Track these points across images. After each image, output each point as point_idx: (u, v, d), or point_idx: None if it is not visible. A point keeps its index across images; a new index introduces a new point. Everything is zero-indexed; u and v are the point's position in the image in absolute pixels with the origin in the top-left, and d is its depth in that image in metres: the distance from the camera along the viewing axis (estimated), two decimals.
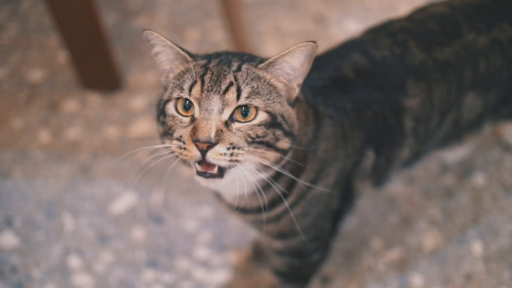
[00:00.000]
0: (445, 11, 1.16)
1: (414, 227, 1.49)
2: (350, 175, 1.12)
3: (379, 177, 1.18)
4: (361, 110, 1.05)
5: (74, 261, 1.48)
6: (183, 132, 0.87)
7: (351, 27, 2.04)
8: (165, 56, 0.96)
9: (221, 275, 1.43)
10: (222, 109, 0.87)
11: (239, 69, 0.90)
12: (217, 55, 0.96)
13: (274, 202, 1.02)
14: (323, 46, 1.93)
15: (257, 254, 1.45)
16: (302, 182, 0.99)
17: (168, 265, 1.46)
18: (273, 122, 0.89)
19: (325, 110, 1.01)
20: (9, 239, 1.53)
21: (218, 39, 2.03)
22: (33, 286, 1.44)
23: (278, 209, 1.04)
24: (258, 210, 1.04)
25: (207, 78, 0.89)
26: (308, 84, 0.99)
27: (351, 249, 1.46)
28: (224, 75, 0.89)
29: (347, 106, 1.04)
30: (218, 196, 1.09)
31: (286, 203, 1.01)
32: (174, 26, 2.08)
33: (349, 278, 1.41)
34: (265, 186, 0.98)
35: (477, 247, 1.45)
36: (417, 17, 1.17)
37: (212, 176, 0.88)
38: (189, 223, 1.53)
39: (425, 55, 1.08)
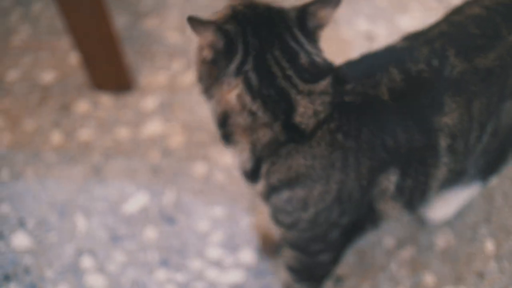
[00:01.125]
0: (482, 12, 1.08)
1: (426, 226, 1.49)
2: (367, 196, 1.06)
3: (410, 199, 1.10)
4: (379, 140, 0.99)
5: (87, 262, 1.48)
6: None
7: (361, 26, 2.04)
8: None
9: (234, 275, 1.44)
10: None
11: None
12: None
13: (252, 175, 1.04)
14: (335, 45, 1.94)
15: (268, 246, 1.44)
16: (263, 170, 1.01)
17: (181, 265, 1.47)
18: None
19: (324, 135, 0.96)
20: (22, 240, 1.54)
21: None
22: (46, 286, 1.45)
23: (258, 187, 1.05)
24: (248, 178, 1.06)
25: None
26: (336, 100, 0.96)
27: (363, 248, 1.46)
28: None
29: (362, 136, 0.98)
30: None
31: (259, 186, 1.04)
32: (185, 27, 2.09)
33: (362, 278, 1.41)
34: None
35: (489, 246, 1.45)
36: (455, 19, 1.09)
37: None
38: (201, 223, 1.54)
39: (466, 64, 1.00)
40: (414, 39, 1.08)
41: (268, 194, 1.04)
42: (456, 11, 1.12)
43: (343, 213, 1.07)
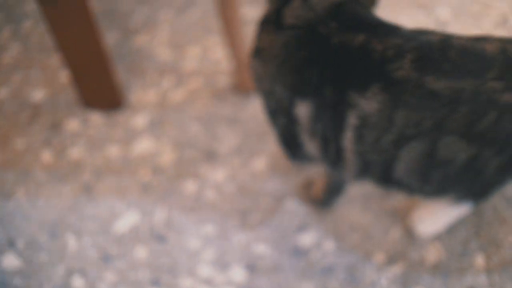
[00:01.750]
0: (493, 49, 0.96)
1: (416, 241, 1.49)
2: (291, 114, 1.17)
3: (325, 149, 1.16)
4: (303, 66, 1.09)
5: (78, 282, 1.48)
6: None
7: None
8: None
9: None
10: None
11: None
12: None
13: None
14: None
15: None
16: None
17: (172, 284, 1.46)
18: None
19: (285, 34, 1.11)
20: (12, 261, 1.53)
21: (219, 56, 2.04)
22: None
23: None
24: None
25: None
26: (314, 23, 1.07)
27: (354, 264, 1.46)
28: None
29: (299, 54, 1.09)
30: None
31: None
32: (175, 44, 2.09)
33: None
34: None
35: (479, 260, 1.45)
36: (458, 40, 0.98)
37: None
38: (192, 241, 1.54)
39: (413, 74, 0.95)
40: (423, 34, 1.02)
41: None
42: (482, 38, 0.99)
43: (277, 111, 1.20)
